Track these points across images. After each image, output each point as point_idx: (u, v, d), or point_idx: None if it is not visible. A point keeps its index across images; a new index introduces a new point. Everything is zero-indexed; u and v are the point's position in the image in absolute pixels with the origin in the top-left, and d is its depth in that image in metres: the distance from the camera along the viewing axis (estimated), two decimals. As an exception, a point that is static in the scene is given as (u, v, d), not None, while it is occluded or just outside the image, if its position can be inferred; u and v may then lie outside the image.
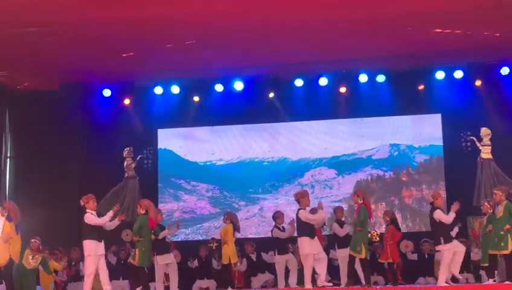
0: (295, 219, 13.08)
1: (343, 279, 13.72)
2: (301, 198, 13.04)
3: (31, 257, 13.50)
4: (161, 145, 18.46)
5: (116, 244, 16.21)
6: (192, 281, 15.75)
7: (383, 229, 15.24)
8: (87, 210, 12.81)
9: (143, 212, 13.24)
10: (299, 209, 13.00)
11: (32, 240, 13.67)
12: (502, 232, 12.52)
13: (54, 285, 14.89)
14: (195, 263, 15.95)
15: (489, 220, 13.07)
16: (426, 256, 15.47)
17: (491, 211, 13.12)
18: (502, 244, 12.52)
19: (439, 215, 12.81)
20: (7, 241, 12.67)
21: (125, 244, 16.50)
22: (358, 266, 13.25)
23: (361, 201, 13.00)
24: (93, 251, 12.53)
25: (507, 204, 12.64)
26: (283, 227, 14.32)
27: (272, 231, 14.45)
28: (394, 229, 14.26)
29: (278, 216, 14.47)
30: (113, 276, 15.72)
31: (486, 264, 13.06)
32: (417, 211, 17.36)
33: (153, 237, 13.28)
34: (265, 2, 13.25)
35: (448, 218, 12.77)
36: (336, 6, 13.50)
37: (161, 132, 18.52)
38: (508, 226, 12.46)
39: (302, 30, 14.54)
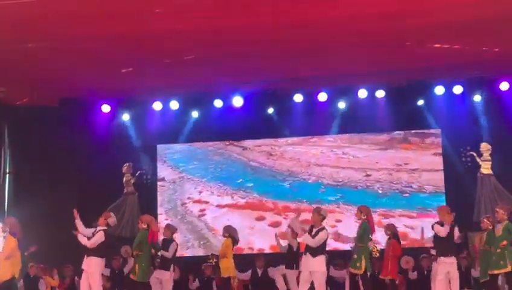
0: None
1: None
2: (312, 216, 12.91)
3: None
4: (160, 160, 18.43)
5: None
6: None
7: (382, 244, 15.13)
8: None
9: (144, 227, 13.22)
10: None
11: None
12: (498, 250, 12.41)
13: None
14: (196, 283, 15.83)
15: (489, 236, 12.97)
16: (425, 273, 15.39)
17: (491, 227, 13.03)
18: (502, 262, 12.41)
19: (436, 228, 12.79)
20: (10, 258, 12.64)
21: (118, 254, 16.35)
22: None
23: (364, 217, 12.94)
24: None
25: (507, 224, 12.54)
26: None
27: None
28: (396, 243, 14.18)
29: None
30: (109, 288, 15.79)
31: (486, 279, 12.98)
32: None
33: (153, 251, 13.25)
34: (265, 18, 13.24)
35: (443, 231, 12.69)
36: (335, 22, 13.50)
37: (160, 148, 18.49)
38: (504, 243, 12.35)
39: (301, 46, 14.53)
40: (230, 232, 13.93)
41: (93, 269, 12.71)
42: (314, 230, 12.33)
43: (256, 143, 18.36)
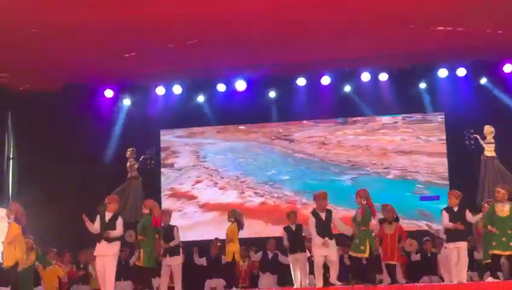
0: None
1: None
2: (316, 200, 13.04)
3: (25, 257, 13.39)
4: (164, 145, 18.46)
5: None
6: (200, 280, 15.70)
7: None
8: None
9: (147, 212, 13.21)
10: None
11: (25, 240, 13.55)
12: (510, 231, 12.27)
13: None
14: (204, 261, 15.86)
15: (490, 218, 12.81)
16: (429, 255, 15.43)
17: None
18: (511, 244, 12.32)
19: (442, 216, 12.93)
20: (12, 243, 12.66)
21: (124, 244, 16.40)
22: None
23: (365, 201, 12.91)
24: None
25: None
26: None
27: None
28: (401, 228, 14.11)
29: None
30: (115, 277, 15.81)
31: (488, 261, 12.98)
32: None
33: (157, 236, 13.24)
34: (267, 2, 13.23)
35: (446, 224, 12.80)
36: (338, 5, 13.50)
37: (164, 132, 18.51)
38: None
39: (304, 29, 14.52)
40: (235, 217, 13.91)
41: (110, 253, 12.73)
42: None
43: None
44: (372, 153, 17.94)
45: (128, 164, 18.11)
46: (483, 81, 17.21)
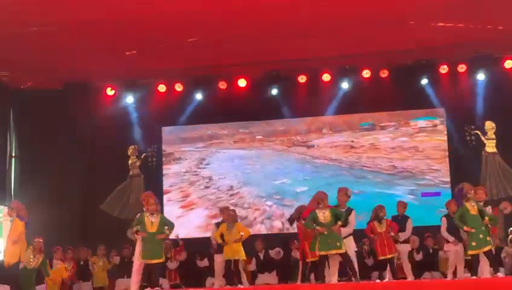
0: None
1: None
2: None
3: (31, 257, 13.43)
4: (165, 142, 18.49)
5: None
6: (203, 279, 15.78)
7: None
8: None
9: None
10: None
11: (36, 240, 13.53)
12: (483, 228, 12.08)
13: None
14: (205, 262, 15.91)
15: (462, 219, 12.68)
16: (431, 251, 15.45)
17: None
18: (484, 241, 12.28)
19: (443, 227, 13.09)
20: (17, 242, 12.69)
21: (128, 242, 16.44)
22: None
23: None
24: None
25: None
26: None
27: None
28: (390, 221, 13.91)
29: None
30: (118, 275, 15.87)
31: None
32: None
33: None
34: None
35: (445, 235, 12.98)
36: (338, 1, 13.50)
37: (165, 130, 18.54)
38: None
39: (305, 26, 14.52)
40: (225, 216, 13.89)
41: None
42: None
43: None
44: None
45: (130, 161, 18.16)
46: (484, 77, 17.19)
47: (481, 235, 11.98)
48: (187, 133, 18.62)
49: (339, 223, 12.30)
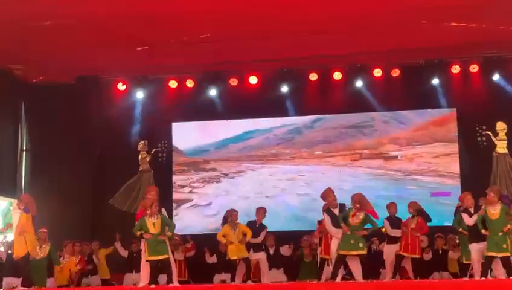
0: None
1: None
2: (325, 198, 13.22)
3: (38, 247, 13.47)
4: (176, 138, 18.51)
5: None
6: (211, 275, 15.80)
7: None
8: None
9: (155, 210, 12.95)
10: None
11: (40, 231, 13.58)
12: (500, 233, 12.20)
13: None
14: (214, 258, 15.94)
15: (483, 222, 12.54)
16: (440, 251, 15.42)
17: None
18: (504, 246, 12.27)
19: (464, 218, 12.93)
20: (22, 234, 12.73)
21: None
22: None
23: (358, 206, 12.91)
24: None
25: (503, 207, 12.42)
26: None
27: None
28: (423, 220, 14.07)
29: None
30: (126, 269, 15.90)
31: (469, 261, 13.14)
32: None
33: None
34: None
35: (470, 221, 12.76)
36: (351, 1, 13.49)
37: (175, 126, 18.56)
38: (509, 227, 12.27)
39: (316, 24, 14.51)
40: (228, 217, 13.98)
41: None
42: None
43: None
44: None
45: (140, 156, 18.19)
46: (496, 77, 17.14)
47: (494, 241, 12.13)
48: (197, 129, 18.62)
49: (365, 232, 12.88)
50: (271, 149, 18.31)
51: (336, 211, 13.11)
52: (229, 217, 13.83)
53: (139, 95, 18.22)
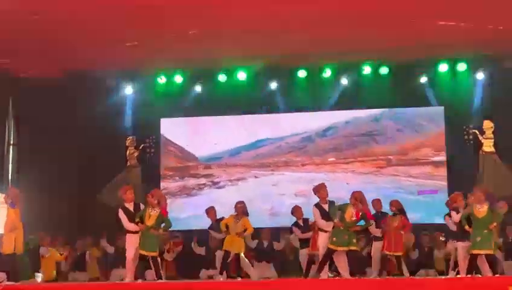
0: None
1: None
2: (317, 192, 13.21)
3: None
4: (164, 134, 18.49)
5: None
6: (198, 270, 15.79)
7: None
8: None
9: (155, 202, 12.94)
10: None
11: None
12: (485, 231, 12.33)
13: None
14: (202, 250, 15.89)
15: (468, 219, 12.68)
16: (426, 249, 15.48)
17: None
18: (488, 244, 12.31)
19: (453, 216, 13.09)
20: (14, 231, 12.64)
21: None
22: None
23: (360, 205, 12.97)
24: None
25: (490, 205, 12.51)
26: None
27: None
28: (405, 219, 14.12)
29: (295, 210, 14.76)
30: (113, 265, 15.88)
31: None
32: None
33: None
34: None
35: (457, 218, 12.88)
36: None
37: (164, 121, 18.53)
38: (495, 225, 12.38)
39: (305, 20, 14.52)
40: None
41: None
42: None
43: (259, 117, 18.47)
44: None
45: (127, 152, 18.17)
46: (484, 76, 17.20)
47: (478, 239, 12.22)
48: (185, 125, 18.61)
49: (358, 228, 13.06)
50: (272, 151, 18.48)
51: (326, 207, 13.12)
52: (238, 209, 13.85)
53: (128, 90, 18.19)
